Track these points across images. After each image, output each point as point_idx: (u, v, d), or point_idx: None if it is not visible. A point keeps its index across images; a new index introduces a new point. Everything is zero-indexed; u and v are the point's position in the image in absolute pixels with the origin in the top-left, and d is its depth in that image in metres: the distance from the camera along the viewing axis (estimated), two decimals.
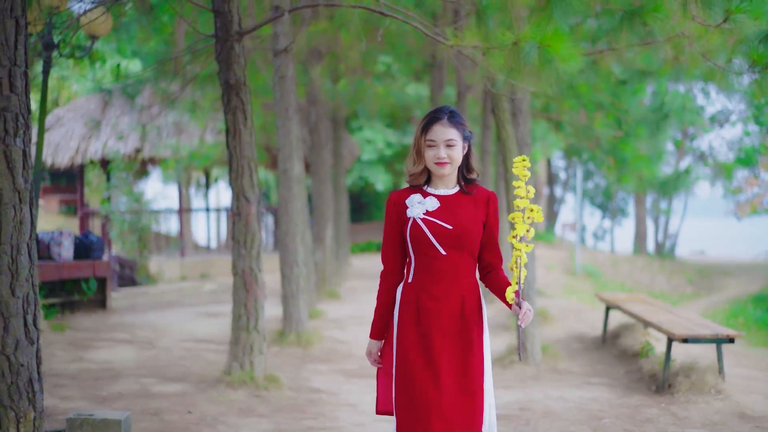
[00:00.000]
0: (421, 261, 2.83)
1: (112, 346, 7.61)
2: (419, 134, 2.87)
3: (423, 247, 2.81)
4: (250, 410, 5.37)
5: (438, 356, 2.80)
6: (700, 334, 5.60)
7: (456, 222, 2.81)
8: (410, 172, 2.91)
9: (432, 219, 2.81)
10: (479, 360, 2.87)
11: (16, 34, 2.48)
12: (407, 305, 2.86)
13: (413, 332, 2.84)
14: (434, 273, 2.81)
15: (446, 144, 2.82)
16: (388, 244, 2.90)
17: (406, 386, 2.84)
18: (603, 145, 11.61)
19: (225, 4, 5.62)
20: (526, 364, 6.73)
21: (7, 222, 2.46)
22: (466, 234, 2.81)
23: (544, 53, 4.99)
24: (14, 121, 2.47)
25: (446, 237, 2.80)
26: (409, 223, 2.83)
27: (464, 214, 2.84)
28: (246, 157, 5.78)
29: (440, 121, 2.84)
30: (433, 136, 2.82)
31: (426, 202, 2.85)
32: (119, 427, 3.83)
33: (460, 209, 2.85)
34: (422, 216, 2.82)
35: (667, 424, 5.12)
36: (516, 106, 7.74)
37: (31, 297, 2.52)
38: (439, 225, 2.81)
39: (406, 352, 2.84)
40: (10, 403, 2.49)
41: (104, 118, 13.89)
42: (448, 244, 2.80)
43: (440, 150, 2.82)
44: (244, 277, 5.83)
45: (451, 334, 2.82)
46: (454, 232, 2.80)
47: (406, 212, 2.85)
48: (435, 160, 2.83)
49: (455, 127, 2.84)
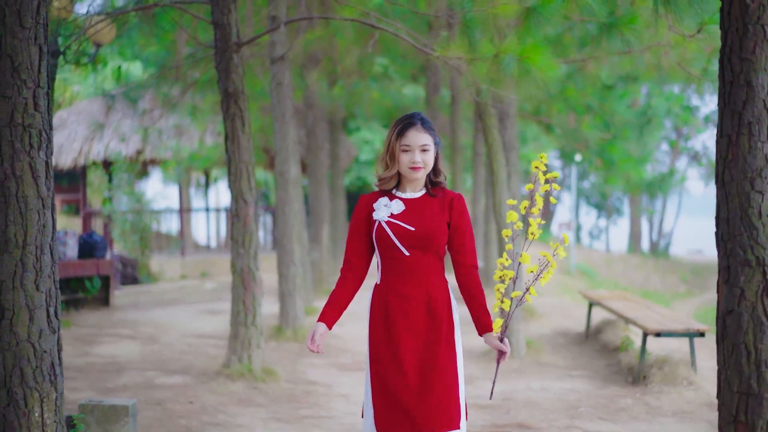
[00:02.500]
0: (387, 263, 2.91)
1: (116, 341, 7.93)
2: (394, 139, 2.90)
3: (388, 249, 2.89)
4: (248, 401, 5.69)
5: (406, 355, 2.85)
6: (672, 329, 5.93)
7: (419, 224, 2.87)
8: (381, 177, 2.96)
9: (395, 221, 2.88)
10: (451, 356, 2.90)
11: (39, 60, 2.81)
12: (377, 306, 2.94)
13: (382, 332, 2.91)
14: (400, 274, 2.88)
15: (421, 149, 2.88)
16: (350, 241, 2.98)
17: (377, 386, 2.89)
18: (591, 146, 11.96)
19: (224, 16, 5.93)
20: (510, 357, 7.07)
21: (32, 225, 2.79)
22: (428, 235, 2.86)
23: (524, 64, 5.32)
24: (38, 137, 2.80)
25: (409, 239, 2.86)
26: (375, 226, 2.91)
27: (428, 217, 2.89)
28: (244, 161, 6.10)
29: (415, 126, 2.89)
30: (408, 141, 2.87)
31: (392, 206, 2.92)
32: (127, 413, 4.17)
33: (424, 212, 2.90)
34: (387, 219, 2.89)
35: (640, 412, 5.45)
36: (503, 111, 8.08)
37: (53, 292, 2.84)
38: (402, 227, 2.87)
39: (377, 353, 2.91)
40: (35, 384, 2.82)
41: (107, 120, 14.21)
42: (411, 246, 2.87)
43: (415, 154, 2.87)
44: (243, 275, 6.16)
45: (419, 333, 2.88)
46: (417, 234, 2.86)
47: (373, 215, 2.93)
48: (410, 165, 2.88)
49: (428, 133, 2.91)
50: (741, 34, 2.45)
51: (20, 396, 2.79)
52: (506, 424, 5.16)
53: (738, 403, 2.45)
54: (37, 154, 2.79)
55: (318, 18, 6.41)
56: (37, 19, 2.80)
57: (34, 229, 2.79)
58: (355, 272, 2.97)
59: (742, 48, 2.45)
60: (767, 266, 2.42)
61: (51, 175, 2.80)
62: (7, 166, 2.76)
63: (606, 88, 10.19)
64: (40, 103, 2.80)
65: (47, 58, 2.77)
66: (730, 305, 2.47)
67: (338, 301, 2.96)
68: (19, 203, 2.77)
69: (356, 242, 2.97)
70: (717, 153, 2.53)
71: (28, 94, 2.78)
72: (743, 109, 2.44)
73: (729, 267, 2.48)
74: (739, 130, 2.44)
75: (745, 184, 2.44)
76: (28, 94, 2.77)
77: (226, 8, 5.89)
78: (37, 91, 2.79)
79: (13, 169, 2.76)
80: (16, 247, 2.77)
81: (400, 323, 2.87)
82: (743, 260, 2.44)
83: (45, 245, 2.82)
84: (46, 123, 2.82)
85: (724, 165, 2.49)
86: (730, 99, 2.48)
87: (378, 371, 2.89)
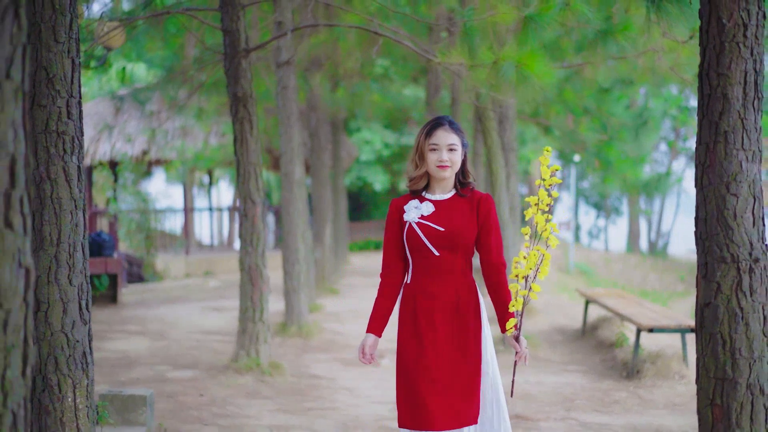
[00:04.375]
0: (417, 262, 2.97)
1: (126, 337, 8.16)
2: (423, 138, 2.98)
3: (418, 248, 2.96)
4: (256, 393, 5.92)
5: (431, 353, 2.91)
6: (664, 325, 6.17)
7: (448, 224, 2.93)
8: (411, 177, 3.03)
9: (425, 222, 2.95)
10: (476, 356, 2.95)
11: (72, 71, 3.04)
12: (406, 305, 3.00)
13: (410, 330, 2.97)
14: (429, 273, 2.95)
15: (448, 148, 2.95)
16: (386, 246, 3.05)
17: (403, 381, 2.96)
18: (589, 148, 12.20)
19: (233, 23, 6.15)
20: (509, 353, 7.30)
21: (65, 224, 3.02)
22: (457, 235, 2.92)
23: (522, 71, 5.54)
24: (71, 143, 3.03)
25: (438, 238, 2.93)
26: (405, 227, 2.98)
27: (458, 217, 2.95)
28: (252, 162, 6.32)
29: (443, 127, 2.97)
30: (436, 140, 2.95)
31: (422, 207, 2.99)
32: (144, 402, 4.40)
33: (453, 212, 2.97)
34: (417, 220, 2.96)
35: (633, 405, 5.69)
36: (503, 114, 8.32)
37: (84, 286, 3.08)
38: (431, 227, 2.94)
39: (404, 349, 2.98)
40: (68, 372, 3.05)
41: (114, 122, 14.43)
42: (440, 245, 2.93)
43: (443, 153, 2.94)
44: (251, 272, 6.39)
45: (446, 331, 2.93)
46: (446, 234, 2.92)
47: (404, 217, 3.00)
48: (437, 163, 2.95)
49: (456, 133, 2.99)
50: (718, 51, 2.68)
51: (54, 382, 3.03)
52: None
53: (714, 388, 2.68)
54: (69, 159, 3.02)
55: (323, 25, 6.62)
56: (69, 34, 3.03)
57: (68, 228, 3.02)
58: (394, 277, 3.04)
59: (719, 64, 2.68)
60: (741, 263, 2.65)
61: (83, 178, 3.03)
62: (42, 170, 3.00)
63: (603, 91, 10.43)
64: (73, 112, 3.03)
65: (79, 69, 2.99)
66: (707, 298, 2.70)
67: (382, 309, 3.03)
68: (53, 204, 3.00)
69: (392, 247, 3.03)
70: (696, 159, 2.76)
71: (62, 104, 3.01)
72: (720, 120, 2.68)
73: (706, 263, 2.71)
74: (716, 138, 2.67)
75: (722, 188, 2.67)
76: (61, 104, 3.01)
77: (236, 15, 6.12)
78: (70, 101, 3.03)
79: (48, 173, 2.99)
80: (51, 245, 3.01)
81: (428, 321, 2.93)
82: (719, 257, 2.68)
83: (77, 243, 3.05)
84: (77, 130, 3.05)
85: (703, 170, 2.72)
86: (707, 110, 2.71)
87: (404, 367, 2.97)
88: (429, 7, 8.78)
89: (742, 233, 2.65)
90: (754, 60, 2.68)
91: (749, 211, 2.66)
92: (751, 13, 2.66)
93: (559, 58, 8.48)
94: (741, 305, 2.64)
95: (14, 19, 1.69)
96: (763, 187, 2.67)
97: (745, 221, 2.65)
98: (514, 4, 6.03)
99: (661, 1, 5.57)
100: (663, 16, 5.60)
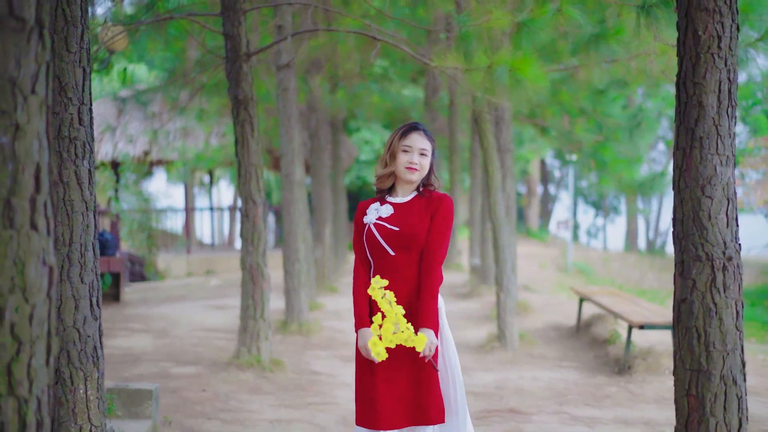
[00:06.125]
0: (376, 262, 3.07)
1: (129, 334, 8.33)
2: (397, 139, 3.07)
3: (375, 248, 3.05)
4: (257, 389, 6.08)
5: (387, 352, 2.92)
6: (655, 322, 6.33)
7: (403, 225, 3.02)
8: (378, 175, 3.14)
9: (382, 223, 3.05)
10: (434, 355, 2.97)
11: (83, 80, 3.21)
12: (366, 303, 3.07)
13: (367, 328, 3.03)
14: (387, 272, 3.01)
15: (420, 152, 3.05)
16: (354, 247, 3.16)
17: (359, 379, 3.05)
18: (584, 148, 12.36)
19: (235, 28, 6.31)
20: (505, 350, 7.47)
21: (77, 225, 3.19)
22: (412, 235, 3.01)
23: (515, 75, 5.71)
24: (82, 148, 3.19)
25: (394, 238, 3.02)
26: (365, 229, 3.10)
27: (414, 218, 3.04)
28: (253, 164, 6.48)
29: (418, 131, 3.08)
30: (410, 142, 3.05)
31: (381, 210, 3.10)
32: (150, 396, 4.56)
33: (411, 213, 3.05)
34: (375, 221, 3.07)
35: (624, 399, 5.85)
36: (499, 116, 8.48)
37: (95, 284, 3.24)
38: (387, 228, 3.03)
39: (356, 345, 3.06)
40: (80, 365, 3.21)
41: (116, 123, 14.60)
42: (396, 245, 3.02)
43: (414, 156, 3.04)
44: (252, 271, 6.54)
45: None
46: (400, 233, 3.01)
47: (364, 219, 3.12)
48: (407, 165, 3.05)
49: (429, 140, 3.09)
50: (694, 62, 2.84)
51: (67, 375, 3.19)
52: (498, 409, 5.55)
53: (690, 379, 2.85)
54: (81, 163, 3.19)
55: (323, 30, 6.78)
56: (81, 44, 3.20)
57: (79, 229, 3.19)
58: (366, 275, 3.11)
59: (694, 73, 2.84)
60: (715, 261, 2.82)
61: (93, 181, 3.19)
62: (55, 173, 3.16)
63: (598, 92, 10.59)
64: (84, 118, 3.20)
65: (89, 78, 3.15)
66: (683, 294, 2.87)
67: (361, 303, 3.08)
68: (65, 206, 3.17)
69: (358, 248, 3.14)
70: (674, 163, 2.93)
71: (74, 110, 3.17)
72: (695, 126, 2.84)
73: (683, 262, 2.88)
74: (692, 143, 2.84)
75: (697, 191, 2.84)
76: (73, 110, 3.17)
77: (237, 21, 6.27)
78: (82, 108, 3.19)
79: (60, 177, 3.16)
80: (63, 245, 3.17)
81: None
82: (695, 256, 2.84)
83: (88, 243, 3.22)
84: (89, 135, 3.21)
85: (680, 174, 2.89)
86: (684, 117, 2.87)
87: (360, 365, 3.06)
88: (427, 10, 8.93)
89: (717, 233, 2.82)
90: (728, 70, 2.84)
91: (723, 213, 2.82)
92: (725, 26, 2.82)
93: (555, 60, 8.64)
94: (715, 301, 2.81)
95: (39, 40, 1.85)
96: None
97: (719, 222, 2.82)
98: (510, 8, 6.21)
99: (650, 7, 5.74)
100: (653, 21, 5.78)
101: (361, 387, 3.04)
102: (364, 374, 3.04)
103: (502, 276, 7.59)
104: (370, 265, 3.11)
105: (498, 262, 7.65)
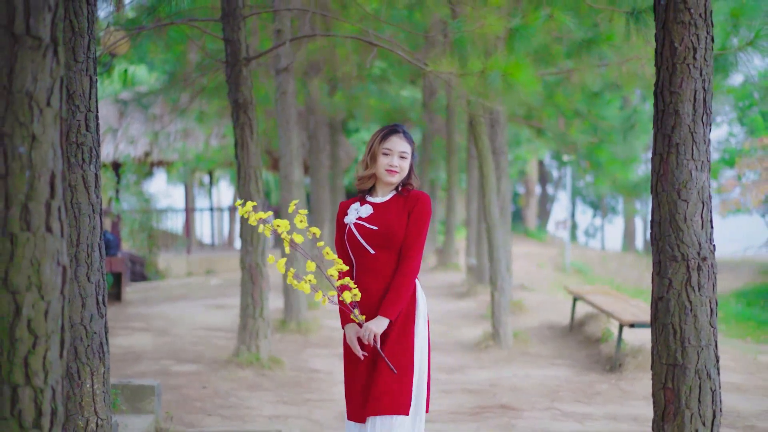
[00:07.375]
0: (357, 261, 3.15)
1: (131, 333, 8.48)
2: (377, 142, 3.12)
3: (356, 248, 3.13)
4: (257, 386, 6.23)
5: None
6: (645, 320, 6.47)
7: (382, 224, 3.09)
8: (359, 176, 3.20)
9: (361, 223, 3.13)
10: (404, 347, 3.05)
11: (90, 88, 3.36)
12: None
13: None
14: (367, 270, 3.10)
15: (400, 155, 3.11)
16: (336, 245, 3.24)
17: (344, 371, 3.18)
18: (580, 150, 12.52)
19: (234, 33, 6.45)
20: (499, 348, 7.63)
21: (84, 227, 3.34)
22: (390, 234, 3.08)
23: (508, 80, 5.86)
24: (89, 153, 3.34)
25: (373, 237, 3.09)
26: (346, 229, 3.17)
27: (392, 217, 3.11)
28: (252, 165, 6.62)
29: (398, 134, 3.13)
30: (390, 145, 3.11)
31: (361, 210, 3.17)
32: (153, 392, 4.71)
33: (389, 213, 3.12)
34: (354, 221, 3.15)
35: (614, 396, 6.00)
36: (494, 118, 8.64)
37: (101, 283, 3.39)
38: (366, 227, 3.11)
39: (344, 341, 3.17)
40: (87, 360, 3.36)
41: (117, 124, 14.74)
42: (375, 244, 3.09)
43: (394, 158, 3.10)
44: (251, 271, 6.69)
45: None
46: (379, 232, 3.08)
47: (344, 219, 3.19)
48: (387, 167, 3.10)
49: (408, 143, 3.14)
50: (671, 72, 2.99)
51: (74, 370, 3.34)
52: (491, 405, 5.71)
53: (666, 373, 3.00)
54: (88, 168, 3.34)
55: (321, 35, 6.93)
56: (87, 54, 3.35)
57: (86, 231, 3.34)
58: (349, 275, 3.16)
59: (671, 83, 2.99)
60: (690, 261, 2.97)
61: (100, 184, 3.34)
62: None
63: (593, 95, 10.75)
64: (91, 125, 3.35)
65: (96, 86, 3.30)
66: (660, 293, 3.02)
67: None
68: (73, 209, 3.32)
69: (339, 247, 3.22)
70: (652, 168, 3.08)
71: (81, 117, 3.32)
72: (672, 133, 2.99)
73: (660, 262, 3.03)
74: (669, 149, 2.99)
75: (673, 194, 2.99)
76: (80, 117, 3.32)
77: (236, 26, 6.42)
78: (88, 115, 3.34)
79: (68, 180, 3.30)
80: (71, 246, 3.32)
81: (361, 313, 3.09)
82: (671, 256, 2.99)
83: (94, 244, 3.37)
84: (95, 141, 3.36)
85: (657, 178, 3.04)
86: (661, 124, 3.03)
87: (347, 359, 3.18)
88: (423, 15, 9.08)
89: (692, 235, 2.97)
90: (703, 80, 2.99)
91: (698, 215, 2.97)
92: (700, 38, 2.97)
93: (550, 63, 8.78)
94: (690, 299, 2.96)
95: (53, 56, 2.01)
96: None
97: (694, 224, 2.97)
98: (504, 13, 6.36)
99: (639, 13, 5.90)
100: (642, 26, 5.94)
101: (345, 381, 3.17)
102: (345, 369, 3.17)
103: (497, 275, 7.75)
104: (352, 263, 3.19)
105: (492, 262, 7.80)
